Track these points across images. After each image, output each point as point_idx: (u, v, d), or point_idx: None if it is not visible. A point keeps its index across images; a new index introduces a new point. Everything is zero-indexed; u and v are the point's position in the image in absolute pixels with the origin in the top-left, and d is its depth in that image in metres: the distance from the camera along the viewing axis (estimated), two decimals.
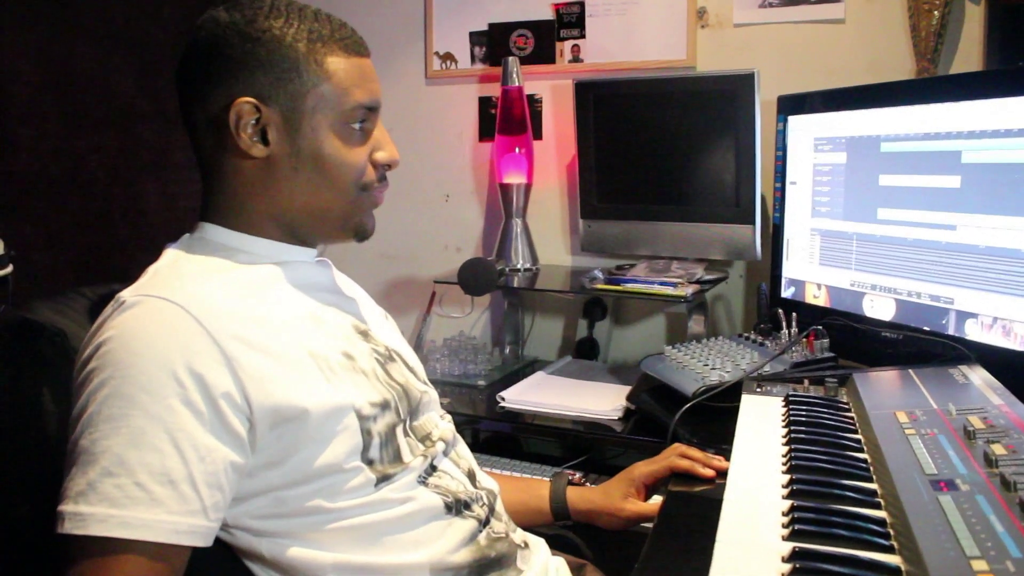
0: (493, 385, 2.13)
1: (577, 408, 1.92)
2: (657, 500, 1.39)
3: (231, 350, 0.95)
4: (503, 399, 1.99)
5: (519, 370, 2.29)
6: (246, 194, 1.08)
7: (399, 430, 1.09)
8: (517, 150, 2.35)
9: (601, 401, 1.93)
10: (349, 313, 1.16)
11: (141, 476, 0.87)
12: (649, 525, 1.64)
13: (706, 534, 0.87)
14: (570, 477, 1.50)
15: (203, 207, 1.12)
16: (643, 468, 1.41)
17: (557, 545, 1.36)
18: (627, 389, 1.95)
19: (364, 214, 1.13)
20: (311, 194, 1.08)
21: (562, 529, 1.49)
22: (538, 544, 1.26)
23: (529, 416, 1.96)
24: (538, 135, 2.47)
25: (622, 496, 1.40)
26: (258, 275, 1.07)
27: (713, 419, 1.54)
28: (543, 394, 2.01)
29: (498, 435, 2.20)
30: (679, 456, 1.36)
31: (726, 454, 1.12)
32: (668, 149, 2.17)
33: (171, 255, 1.08)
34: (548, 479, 1.47)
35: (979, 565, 0.72)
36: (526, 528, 1.30)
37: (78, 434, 0.90)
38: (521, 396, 2.00)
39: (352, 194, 1.10)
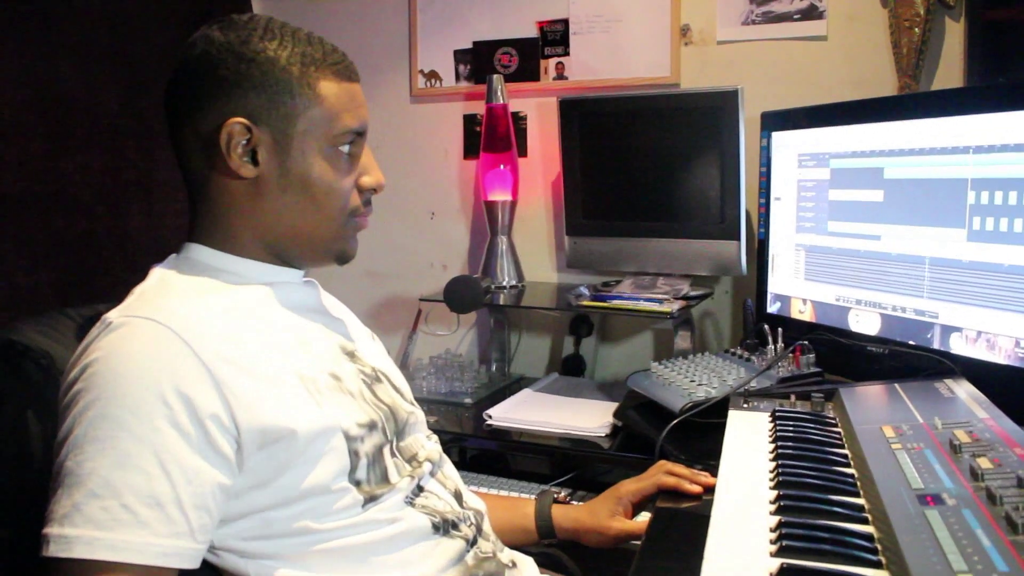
0: (480, 403, 2.13)
1: (564, 425, 1.92)
2: (644, 518, 1.39)
3: (218, 371, 0.94)
4: (490, 417, 1.99)
5: (506, 387, 2.28)
6: (233, 215, 1.08)
7: (386, 451, 1.09)
8: (502, 167, 2.36)
9: (588, 418, 1.93)
10: (336, 333, 1.16)
11: (128, 498, 0.87)
12: (637, 543, 1.65)
13: (694, 551, 0.87)
14: (555, 495, 1.50)
15: (190, 227, 1.12)
16: (630, 486, 1.41)
17: (545, 563, 1.36)
18: (614, 406, 1.95)
19: (348, 240, 1.14)
20: (298, 216, 1.08)
21: (549, 547, 1.48)
22: (525, 562, 1.26)
23: (516, 433, 1.95)
24: (523, 152, 2.47)
25: (609, 514, 1.40)
26: (245, 296, 1.07)
27: (700, 435, 1.54)
28: (530, 411, 2.01)
29: (485, 453, 2.19)
30: (665, 473, 1.36)
31: (713, 470, 1.12)
32: (653, 166, 2.19)
33: (158, 275, 1.08)
34: (533, 497, 1.47)
35: None
36: (512, 547, 1.30)
37: (64, 456, 0.89)
38: (508, 414, 2.00)
39: (338, 220, 1.10)
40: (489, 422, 1.98)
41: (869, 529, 0.92)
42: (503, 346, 2.48)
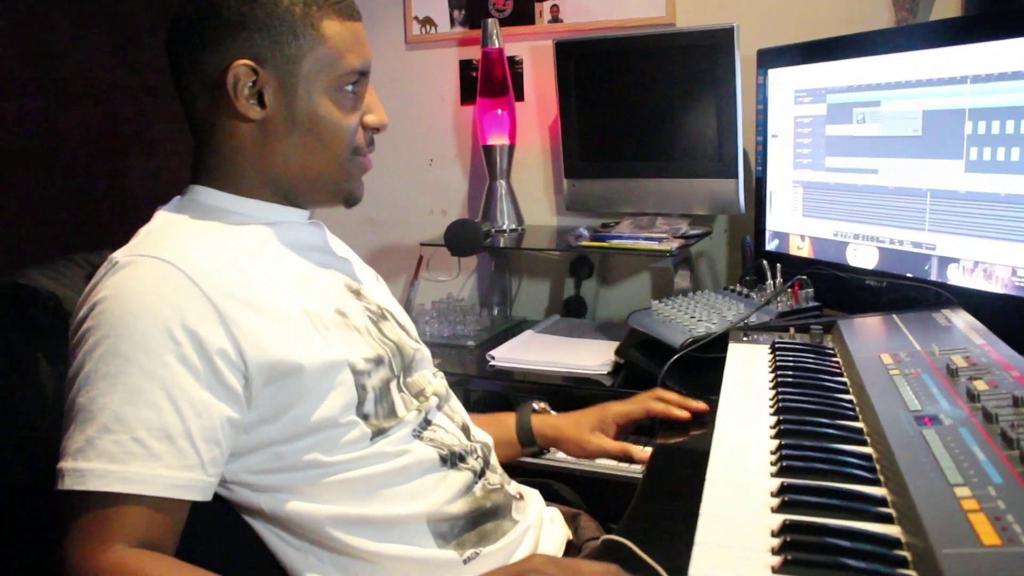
0: (482, 345, 2.15)
1: (566, 364, 1.93)
2: (636, 449, 1.40)
3: (225, 308, 0.96)
4: (493, 357, 2.01)
5: (508, 330, 2.30)
6: (240, 157, 1.09)
7: (393, 386, 1.10)
8: (499, 112, 2.35)
9: (590, 357, 1.95)
10: (342, 272, 1.17)
11: (139, 432, 0.88)
12: (628, 469, 1.67)
13: (696, 480, 0.88)
14: (534, 406, 1.52)
15: (194, 170, 1.13)
16: (617, 407, 1.43)
17: (549, 497, 1.38)
18: (615, 345, 1.96)
19: (354, 180, 1.15)
20: (305, 156, 1.09)
21: (554, 480, 1.50)
22: (532, 495, 1.28)
23: (519, 373, 1.98)
24: (520, 96, 2.46)
25: (590, 429, 1.43)
26: (250, 235, 1.08)
27: (701, 370, 1.55)
28: (532, 351, 2.03)
29: (489, 394, 2.21)
30: (655, 399, 1.38)
31: (713, 404, 1.13)
32: (650, 106, 2.18)
33: (163, 217, 1.09)
34: (513, 410, 1.50)
35: (962, 492, 0.73)
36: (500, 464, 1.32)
37: (75, 393, 0.91)
38: (510, 354, 2.02)
39: (344, 157, 1.11)
40: (492, 363, 2.00)
41: (868, 450, 0.93)
42: (504, 290, 2.49)
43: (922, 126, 1.57)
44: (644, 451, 1.38)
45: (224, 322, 0.95)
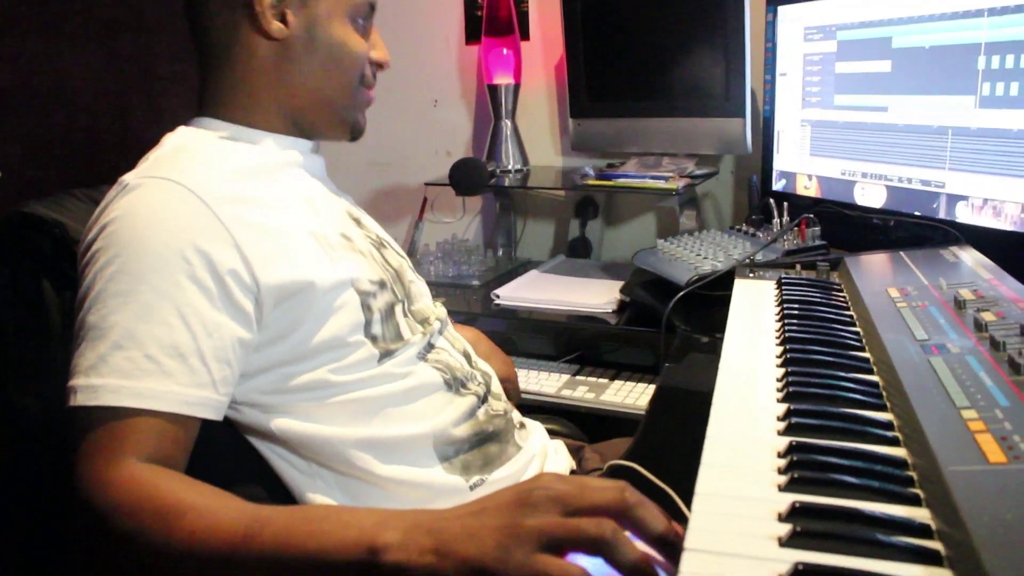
0: (487, 285, 2.15)
1: (571, 303, 1.93)
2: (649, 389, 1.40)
3: (235, 229, 0.96)
4: (498, 296, 2.00)
5: (512, 270, 2.29)
6: (255, 79, 1.10)
7: (398, 309, 1.12)
8: (504, 51, 2.32)
9: (595, 295, 1.94)
10: (343, 200, 1.20)
11: (151, 349, 0.88)
12: (632, 406, 1.68)
13: (700, 413, 0.87)
14: None
15: (201, 101, 1.13)
16: None
17: (552, 433, 1.39)
18: (620, 284, 1.95)
19: (360, 111, 1.17)
20: (321, 80, 1.11)
21: (558, 418, 1.52)
22: (535, 426, 1.29)
23: (524, 312, 1.97)
24: (525, 36, 2.43)
25: None
26: (257, 160, 1.09)
27: (707, 308, 1.55)
28: (537, 291, 2.03)
29: (493, 333, 2.21)
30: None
31: (719, 341, 1.13)
32: (657, 44, 2.15)
33: (172, 142, 1.09)
34: None
35: (969, 414, 0.74)
36: None
37: (85, 312, 0.91)
38: (515, 293, 2.02)
39: (354, 84, 1.14)
40: (497, 302, 2.00)
41: (874, 378, 0.93)
42: (509, 231, 2.48)
43: (934, 62, 1.55)
44: None
45: (236, 244, 0.96)
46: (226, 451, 1.04)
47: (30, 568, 1.17)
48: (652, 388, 1.41)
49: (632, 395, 1.78)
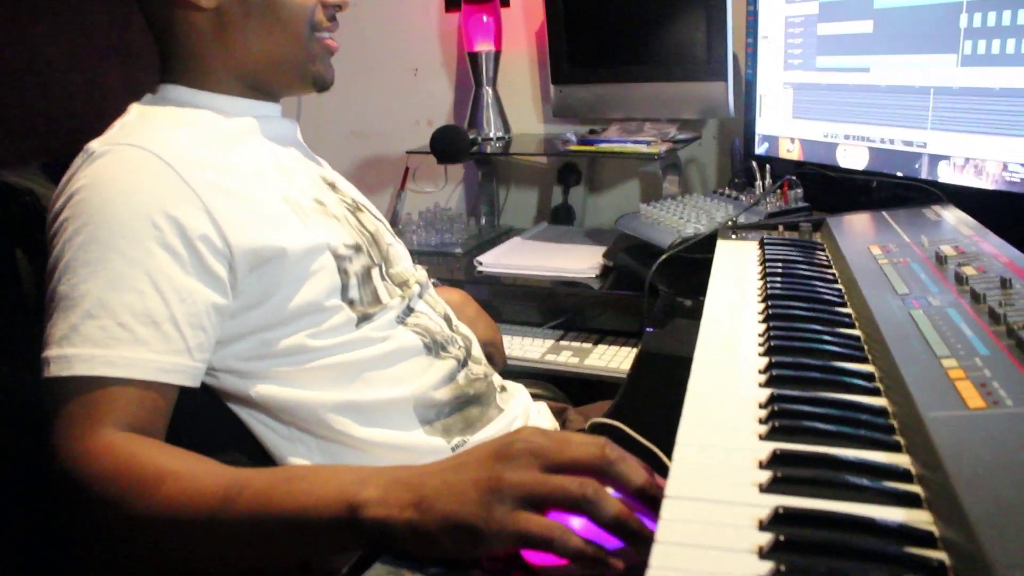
0: (470, 253, 2.14)
1: (555, 268, 1.93)
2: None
3: (206, 195, 0.95)
4: (480, 263, 2.00)
5: (495, 238, 2.29)
6: (202, 49, 1.08)
7: (375, 273, 1.11)
8: (484, 18, 2.30)
9: (578, 261, 1.94)
10: (317, 165, 1.20)
11: (123, 317, 0.87)
12: (615, 370, 1.68)
13: (681, 374, 0.87)
14: None
15: (161, 70, 1.12)
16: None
17: (535, 396, 1.38)
18: (604, 249, 1.96)
19: (320, 62, 1.14)
20: (265, 40, 1.08)
21: (539, 381, 1.52)
22: (517, 388, 1.29)
23: (507, 279, 1.97)
24: (505, 2, 2.40)
25: None
26: (226, 127, 1.08)
27: (689, 271, 1.55)
28: (520, 257, 2.02)
29: (477, 301, 2.21)
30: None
31: (703, 304, 1.13)
32: (638, 9, 2.13)
33: (137, 109, 1.08)
34: None
35: (949, 363, 0.74)
36: None
37: (56, 282, 0.90)
38: (498, 260, 2.01)
39: (305, 36, 1.10)
40: (480, 269, 1.99)
41: (856, 332, 0.93)
42: (492, 199, 2.47)
43: (916, 21, 1.54)
44: None
45: (206, 209, 0.95)
46: (206, 418, 1.04)
47: (9, 539, 1.16)
48: (636, 352, 1.41)
49: (616, 359, 1.78)
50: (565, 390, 1.62)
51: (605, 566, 0.64)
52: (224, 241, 0.95)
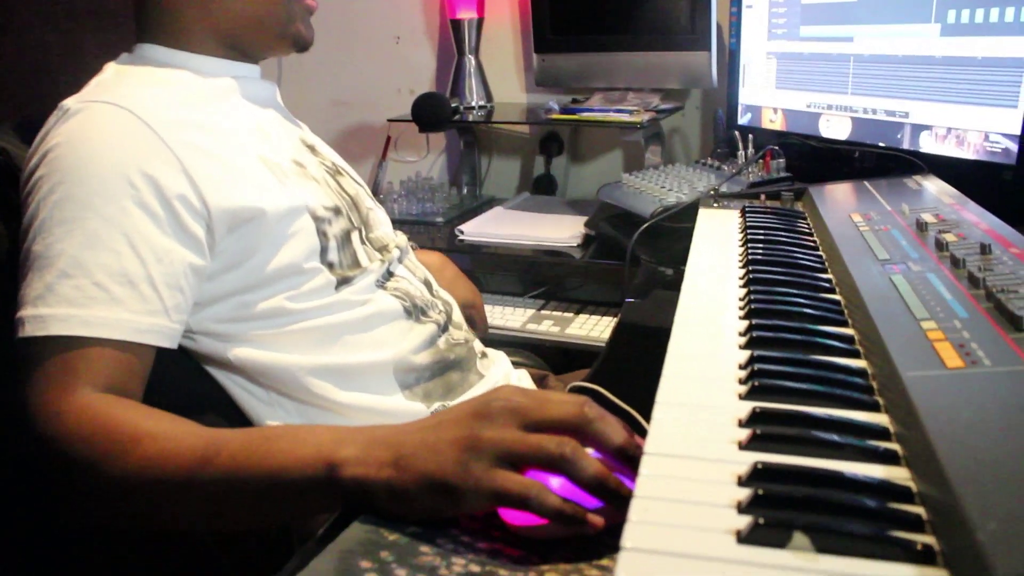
0: (451, 222, 2.13)
1: (536, 237, 1.93)
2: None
3: (183, 154, 0.94)
4: (462, 232, 1.99)
5: (477, 208, 2.28)
6: (180, 8, 1.06)
7: (355, 236, 1.10)
8: None
9: (560, 230, 1.94)
10: (296, 127, 1.18)
11: (99, 276, 0.86)
12: (596, 338, 1.68)
13: (662, 340, 0.86)
14: None
15: (138, 29, 1.10)
16: None
17: (515, 364, 1.39)
18: (585, 219, 1.95)
19: (300, 21, 1.12)
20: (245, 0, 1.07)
21: (520, 349, 1.51)
22: (498, 355, 1.29)
23: (489, 248, 1.97)
24: None
25: None
26: (204, 87, 1.06)
27: (671, 241, 1.55)
28: (502, 226, 2.02)
29: None
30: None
31: (683, 274, 1.13)
32: None
33: (114, 68, 1.07)
34: None
35: (928, 325, 0.74)
36: None
37: (30, 241, 0.89)
38: (480, 229, 2.01)
39: None
40: (461, 237, 1.99)
41: (837, 297, 0.93)
42: (473, 168, 2.46)
43: None
44: None
45: (184, 168, 0.93)
46: (184, 381, 1.03)
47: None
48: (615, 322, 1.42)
49: (597, 328, 1.78)
50: (546, 359, 1.62)
51: (583, 525, 0.64)
52: (202, 201, 0.94)
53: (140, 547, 1.00)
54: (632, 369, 1.13)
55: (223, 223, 0.95)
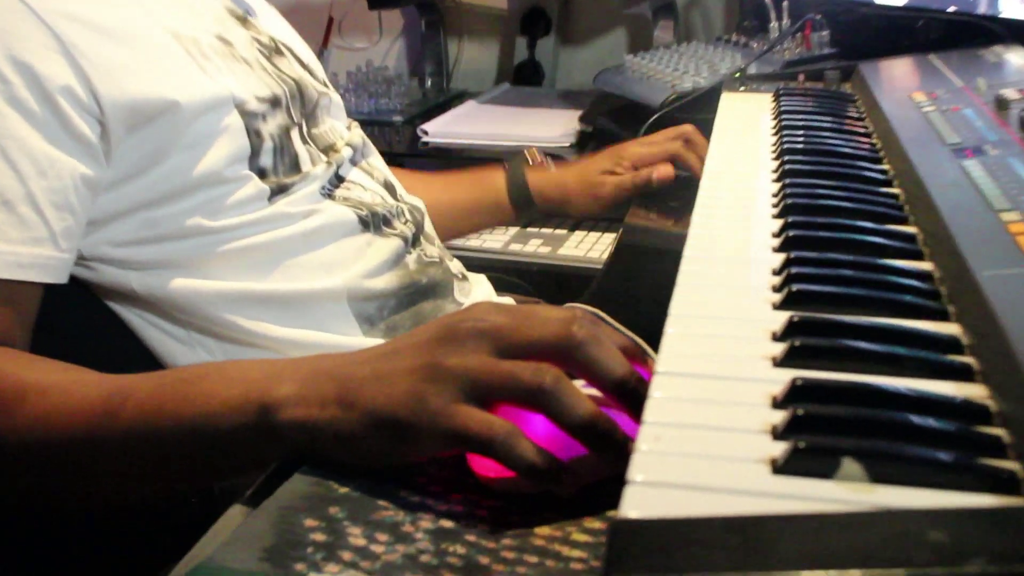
0: (412, 121, 2.13)
1: (519, 136, 1.92)
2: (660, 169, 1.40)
3: (67, 33, 0.90)
4: (426, 132, 1.98)
5: (444, 103, 2.27)
6: None
7: (294, 134, 1.08)
8: None
9: (548, 127, 1.94)
10: None
11: None
12: (592, 260, 1.68)
13: (668, 272, 0.85)
14: (528, 158, 1.50)
15: None
16: (636, 148, 1.44)
17: (502, 288, 1.38)
18: (580, 113, 1.95)
19: None
20: None
21: (503, 273, 1.51)
22: (479, 279, 1.28)
23: (460, 151, 1.96)
24: None
25: (600, 171, 1.43)
26: None
27: None
28: (476, 124, 2.01)
29: None
30: (683, 142, 1.38)
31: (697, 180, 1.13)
32: None
33: None
34: (502, 165, 1.50)
35: (1010, 216, 0.74)
36: (485, 228, 1.35)
37: None
38: (448, 128, 2.00)
39: None
40: (425, 139, 1.98)
41: (895, 190, 0.93)
42: (439, 56, 2.45)
43: None
44: (666, 169, 1.40)
45: (67, 52, 0.90)
46: (81, 322, 1.03)
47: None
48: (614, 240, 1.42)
49: (597, 247, 1.78)
50: (536, 285, 1.62)
51: (558, 483, 0.62)
52: (92, 94, 0.91)
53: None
54: (635, 293, 1.13)
55: (121, 121, 0.92)
